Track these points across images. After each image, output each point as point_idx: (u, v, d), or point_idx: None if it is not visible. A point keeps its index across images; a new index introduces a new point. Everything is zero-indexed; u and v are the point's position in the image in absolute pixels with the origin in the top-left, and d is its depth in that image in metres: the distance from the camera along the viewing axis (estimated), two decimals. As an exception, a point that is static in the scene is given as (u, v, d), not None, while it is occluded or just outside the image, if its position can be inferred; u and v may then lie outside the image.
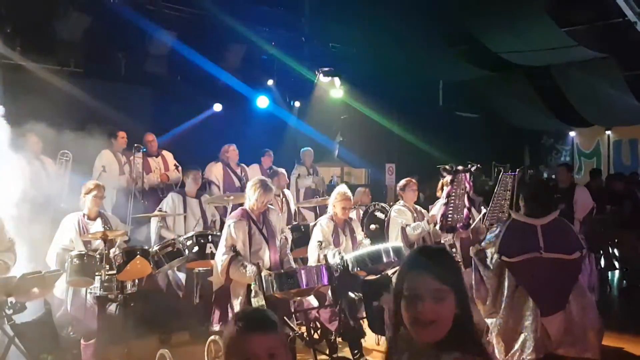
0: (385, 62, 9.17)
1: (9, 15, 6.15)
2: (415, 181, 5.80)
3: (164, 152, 7.44)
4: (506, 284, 3.74)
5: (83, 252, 4.64)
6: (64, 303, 4.81)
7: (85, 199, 5.21)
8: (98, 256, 4.55)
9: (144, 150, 6.91)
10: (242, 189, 7.18)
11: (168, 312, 5.29)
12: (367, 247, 4.64)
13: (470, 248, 3.96)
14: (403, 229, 5.49)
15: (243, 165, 7.79)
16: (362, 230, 5.77)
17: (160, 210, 6.02)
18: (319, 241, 4.88)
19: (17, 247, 4.43)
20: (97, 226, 5.11)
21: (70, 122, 5.85)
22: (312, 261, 4.97)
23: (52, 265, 4.69)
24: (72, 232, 5.01)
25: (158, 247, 4.91)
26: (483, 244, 3.90)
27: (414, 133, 9.94)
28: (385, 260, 4.39)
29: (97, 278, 4.54)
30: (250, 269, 4.23)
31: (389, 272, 4.54)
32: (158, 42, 7.46)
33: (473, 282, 3.85)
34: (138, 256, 4.55)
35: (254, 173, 7.89)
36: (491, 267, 3.78)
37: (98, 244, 4.79)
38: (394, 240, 5.41)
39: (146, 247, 4.83)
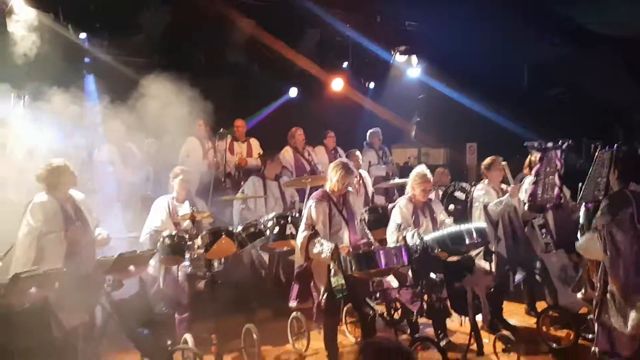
0: (465, 38, 8.82)
1: (97, 11, 6.51)
2: (501, 160, 5.57)
3: (252, 140, 7.69)
4: None
5: (174, 233, 4.91)
6: (157, 280, 5.13)
7: (174, 183, 5.52)
8: (187, 236, 4.79)
9: (231, 134, 7.16)
10: (313, 171, 7.30)
11: (251, 290, 5.48)
12: (448, 228, 4.52)
13: (598, 218, 3.76)
14: (485, 207, 5.32)
15: (309, 148, 7.87)
16: (442, 210, 5.65)
17: (242, 193, 6.24)
18: (397, 224, 4.84)
19: (114, 228, 4.80)
20: (185, 208, 5.39)
21: (156, 111, 6.14)
22: (391, 243, 4.94)
23: (146, 245, 5.00)
24: (163, 214, 5.33)
25: (241, 228, 5.08)
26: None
27: (496, 110, 9.52)
28: (467, 241, 4.26)
29: (187, 257, 4.79)
30: (327, 246, 4.27)
31: (472, 253, 4.42)
32: (237, 31, 7.63)
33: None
34: (223, 236, 4.72)
35: (319, 154, 7.99)
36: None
37: (187, 224, 5.06)
38: (477, 221, 5.26)
39: (230, 228, 5.00)
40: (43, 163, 4.58)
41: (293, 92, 9.21)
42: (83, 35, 6.38)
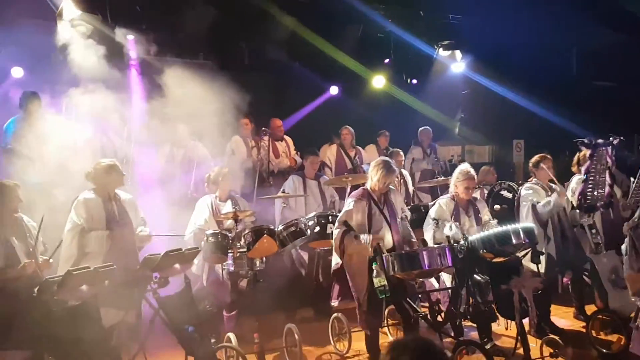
0: (512, 31, 8.55)
1: (144, 12, 6.67)
2: (550, 157, 5.38)
3: (286, 138, 7.72)
4: None
5: (217, 231, 4.98)
6: (200, 278, 5.22)
7: (218, 182, 5.60)
8: (230, 235, 4.85)
9: (269, 134, 7.21)
10: (354, 170, 7.26)
11: (292, 289, 5.49)
12: (494, 228, 4.40)
13: (625, 224, 3.60)
14: (533, 207, 5.15)
15: (358, 147, 7.83)
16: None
17: (283, 192, 6.26)
18: (434, 219, 4.75)
19: (158, 226, 4.91)
20: (228, 207, 5.46)
21: (200, 110, 6.24)
22: (427, 239, 4.87)
23: (190, 243, 5.09)
24: (207, 212, 5.42)
25: (282, 227, 5.10)
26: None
27: (544, 106, 9.20)
28: (514, 241, 4.13)
29: (230, 255, 4.85)
30: (364, 237, 4.23)
31: (519, 254, 4.28)
32: (279, 29, 7.66)
33: (626, 260, 3.51)
34: (265, 235, 4.76)
35: (370, 154, 7.97)
36: None
37: (229, 223, 5.11)
38: (524, 220, 5.10)
39: (272, 227, 5.03)
40: (92, 162, 4.73)
41: (334, 89, 9.18)
42: (130, 36, 6.53)
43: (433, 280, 4.53)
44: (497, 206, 5.69)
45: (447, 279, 4.58)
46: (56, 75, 5.76)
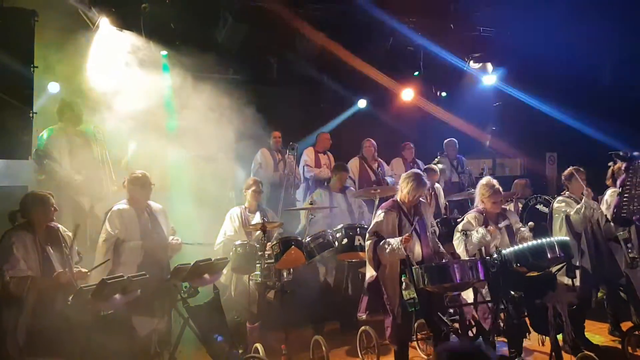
0: (544, 43, 8.44)
1: (177, 28, 6.83)
2: (583, 170, 5.27)
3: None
4: None
5: (245, 242, 5.03)
6: (228, 289, 5.26)
7: (246, 194, 5.67)
8: (258, 246, 4.88)
9: (305, 147, 7.42)
10: (378, 183, 7.24)
11: (320, 301, 5.47)
12: (528, 242, 4.30)
13: None
14: (567, 218, 5.05)
15: (379, 159, 7.82)
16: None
17: (311, 204, 6.27)
18: (462, 231, 4.67)
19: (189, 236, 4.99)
20: (256, 218, 5.51)
21: (231, 124, 6.35)
22: (458, 251, 4.77)
23: (219, 254, 5.14)
24: (236, 223, 5.48)
25: (310, 238, 5.10)
26: None
27: (577, 118, 9.01)
28: (549, 255, 4.02)
29: (258, 266, 4.87)
30: (395, 242, 4.19)
31: (554, 269, 4.17)
32: (308, 44, 7.74)
33: None
34: (293, 246, 4.78)
35: (397, 166, 7.93)
36: None
37: (258, 234, 5.15)
38: (558, 233, 4.99)
39: (299, 238, 5.04)
40: (127, 173, 4.85)
41: (362, 103, 9.20)
42: (164, 52, 6.70)
43: (467, 294, 4.44)
44: (530, 223, 5.60)
45: (485, 293, 4.47)
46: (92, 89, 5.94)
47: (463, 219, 4.93)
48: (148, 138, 5.95)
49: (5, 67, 4.84)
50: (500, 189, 4.87)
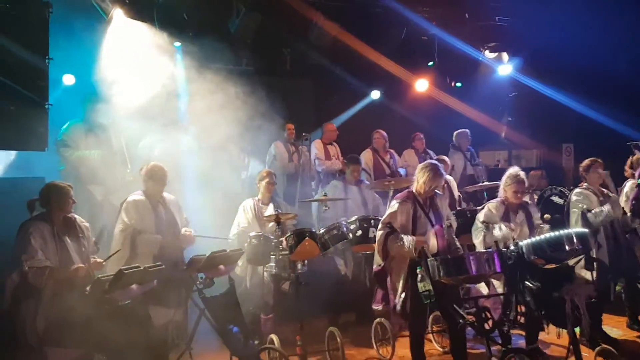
0: (561, 32, 8.29)
1: (190, 19, 6.82)
2: (601, 161, 5.19)
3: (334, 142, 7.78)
4: None
5: (260, 234, 5.03)
6: (244, 280, 5.27)
7: (260, 186, 5.66)
8: (272, 237, 4.88)
9: (315, 138, 7.31)
10: (392, 174, 7.20)
11: (335, 293, 5.47)
12: (546, 233, 4.25)
13: None
14: (583, 215, 4.97)
15: (391, 151, 7.76)
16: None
17: (324, 196, 6.25)
18: (483, 222, 4.64)
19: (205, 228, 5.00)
20: (269, 210, 5.51)
21: (245, 116, 6.34)
22: (476, 242, 4.76)
23: (234, 245, 5.15)
24: (250, 214, 5.48)
25: (324, 230, 5.09)
26: None
27: (594, 108, 8.87)
28: (567, 247, 3.97)
29: (272, 257, 4.88)
30: (407, 239, 4.16)
31: (571, 262, 4.12)
32: (321, 34, 7.69)
33: None
34: (307, 238, 4.76)
35: (409, 157, 7.88)
36: None
37: (271, 226, 5.15)
38: (574, 227, 4.93)
39: (314, 230, 5.03)
40: (142, 165, 4.87)
41: (375, 94, 9.14)
42: (177, 43, 6.70)
43: (482, 286, 4.40)
44: (547, 215, 5.55)
45: (497, 285, 4.46)
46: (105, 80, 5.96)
47: (483, 207, 4.89)
48: (160, 129, 5.97)
49: (21, 59, 4.85)
50: (525, 181, 4.81)
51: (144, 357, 3.66)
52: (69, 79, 6.58)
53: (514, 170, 4.86)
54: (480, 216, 4.77)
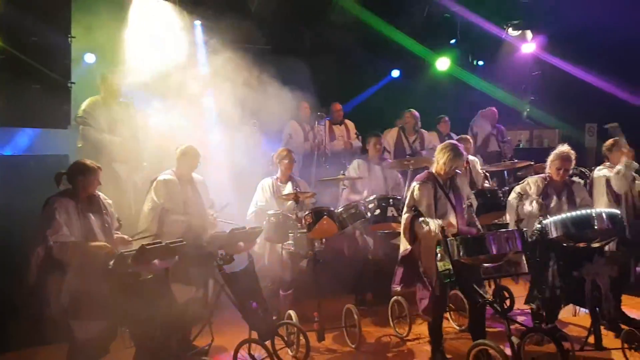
0: (585, 10, 8.07)
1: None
2: (625, 141, 5.11)
3: (347, 121, 7.73)
4: None
5: (278, 212, 5.06)
6: (262, 257, 5.33)
7: (280, 164, 5.68)
8: (291, 215, 4.91)
9: (329, 118, 7.22)
10: (413, 155, 7.13)
11: (353, 272, 5.50)
12: (574, 211, 4.20)
13: None
14: (607, 182, 5.00)
15: (422, 131, 7.66)
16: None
17: (343, 174, 6.24)
18: (518, 192, 4.64)
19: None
20: (288, 188, 5.53)
21: (262, 95, 6.33)
22: (509, 216, 4.79)
23: (252, 223, 5.19)
24: (267, 193, 5.51)
25: (342, 209, 5.09)
26: None
27: (619, 87, 8.66)
28: (596, 226, 3.91)
29: (290, 235, 4.91)
30: (433, 223, 4.13)
31: (595, 244, 4.06)
32: (341, 12, 7.61)
33: None
34: (325, 216, 4.77)
35: (432, 140, 7.78)
36: None
37: (290, 204, 5.17)
38: (599, 198, 4.91)
39: (332, 208, 5.04)
40: (173, 146, 4.93)
41: (395, 72, 9.05)
42: (197, 21, 6.70)
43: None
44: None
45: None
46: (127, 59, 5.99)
47: (524, 181, 4.89)
48: (181, 109, 6.00)
49: (43, 37, 4.89)
50: (571, 157, 4.76)
51: (166, 330, 3.74)
52: (90, 57, 6.63)
53: (562, 147, 4.85)
54: (518, 187, 4.80)
